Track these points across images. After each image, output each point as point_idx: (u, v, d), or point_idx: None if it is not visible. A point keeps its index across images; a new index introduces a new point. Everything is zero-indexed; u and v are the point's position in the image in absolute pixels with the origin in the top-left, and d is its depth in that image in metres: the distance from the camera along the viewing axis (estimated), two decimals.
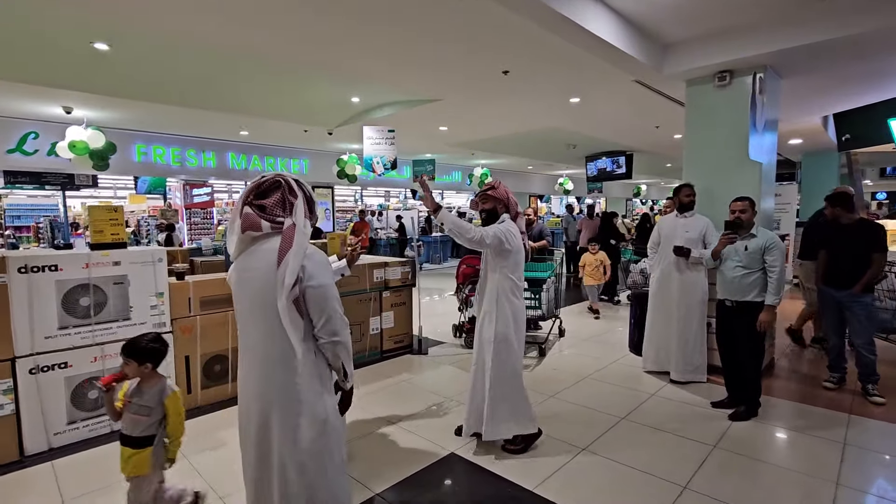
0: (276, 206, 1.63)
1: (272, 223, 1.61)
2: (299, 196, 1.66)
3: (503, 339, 2.82)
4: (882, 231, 3.59)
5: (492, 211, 2.91)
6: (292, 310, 1.54)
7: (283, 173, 1.69)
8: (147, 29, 3.84)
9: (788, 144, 9.00)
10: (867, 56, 4.01)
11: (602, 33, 3.49)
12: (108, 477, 2.65)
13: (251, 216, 1.61)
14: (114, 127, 7.40)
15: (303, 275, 1.56)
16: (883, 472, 2.73)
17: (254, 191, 1.65)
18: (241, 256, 1.67)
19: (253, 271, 1.62)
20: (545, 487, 2.54)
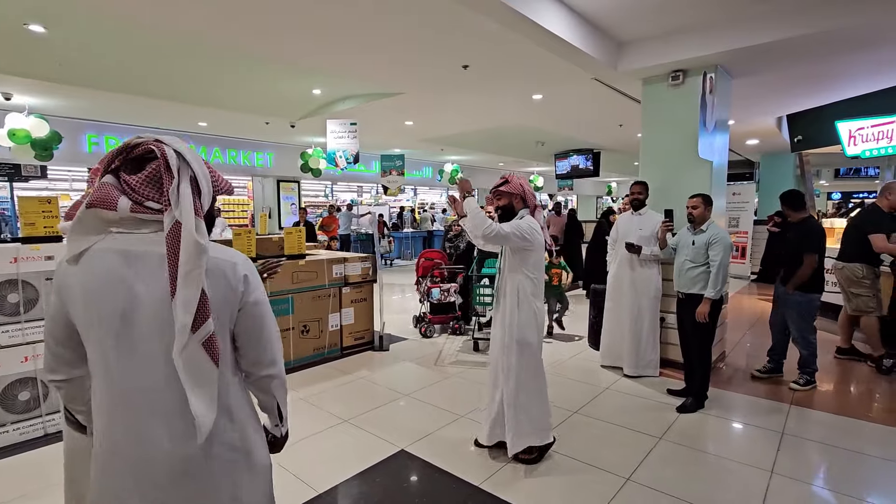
0: (146, 183, 1.06)
1: (136, 204, 1.05)
2: (180, 177, 1.05)
3: (526, 343, 2.66)
4: (816, 232, 3.70)
5: (507, 207, 2.72)
6: (200, 358, 1.04)
7: (164, 139, 1.09)
8: (86, 12, 3.64)
9: (746, 144, 9.29)
10: (813, 58, 4.15)
11: (556, 29, 3.50)
12: (41, 480, 2.52)
13: (105, 187, 1.05)
14: (61, 115, 7.05)
15: (243, 288, 1.14)
16: (815, 459, 2.84)
17: (121, 155, 1.08)
18: (84, 258, 1.07)
19: (116, 290, 1.04)
20: (492, 482, 2.54)
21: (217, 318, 1.09)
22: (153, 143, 1.07)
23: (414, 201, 17.31)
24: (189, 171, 1.08)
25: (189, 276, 1.02)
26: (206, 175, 1.12)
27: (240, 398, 1.18)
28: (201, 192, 1.09)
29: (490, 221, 2.52)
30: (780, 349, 4.01)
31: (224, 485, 1.13)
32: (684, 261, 3.49)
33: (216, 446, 1.11)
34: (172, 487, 1.08)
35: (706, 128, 3.98)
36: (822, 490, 2.50)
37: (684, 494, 2.42)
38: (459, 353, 4.84)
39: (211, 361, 1.05)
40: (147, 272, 1.05)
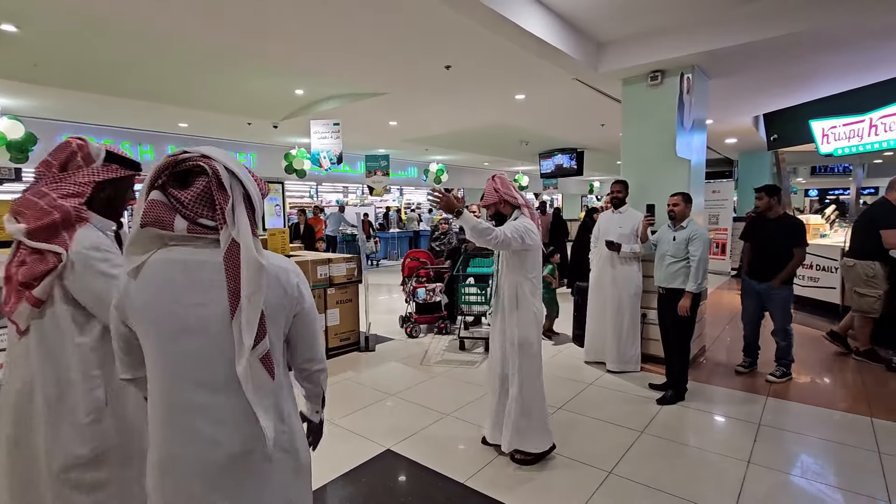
0: (198, 202, 1.06)
1: (191, 223, 1.06)
2: (233, 195, 1.06)
3: (527, 343, 2.65)
4: (802, 227, 3.81)
5: (496, 215, 2.76)
6: (258, 373, 1.08)
7: (211, 153, 1.07)
8: (59, 11, 3.57)
9: (725, 143, 9.49)
10: (787, 59, 4.26)
11: (536, 31, 3.54)
12: None
13: (157, 205, 1.06)
14: (36, 116, 6.88)
15: (297, 295, 1.17)
16: (790, 449, 2.92)
17: (167, 170, 1.07)
18: (147, 266, 1.10)
19: (177, 300, 1.07)
20: (476, 479, 2.56)
21: (273, 326, 1.12)
22: (200, 158, 1.06)
23: (400, 201, 17.29)
24: (241, 188, 1.08)
25: (252, 297, 1.05)
26: (258, 192, 1.13)
27: (290, 401, 1.23)
28: (255, 210, 1.11)
29: (492, 229, 2.48)
30: (756, 344, 4.11)
31: (279, 485, 1.17)
32: (665, 256, 3.57)
33: (273, 449, 1.14)
34: (235, 489, 1.11)
35: (684, 127, 4.07)
36: (797, 478, 2.58)
37: (664, 486, 2.48)
38: (445, 352, 4.86)
39: (268, 375, 1.10)
40: (206, 284, 1.07)
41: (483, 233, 2.44)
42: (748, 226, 4.09)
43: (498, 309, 2.76)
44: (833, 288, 6.05)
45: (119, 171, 1.54)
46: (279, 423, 1.16)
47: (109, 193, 1.54)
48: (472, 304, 5.09)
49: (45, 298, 1.43)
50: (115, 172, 1.53)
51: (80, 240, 1.42)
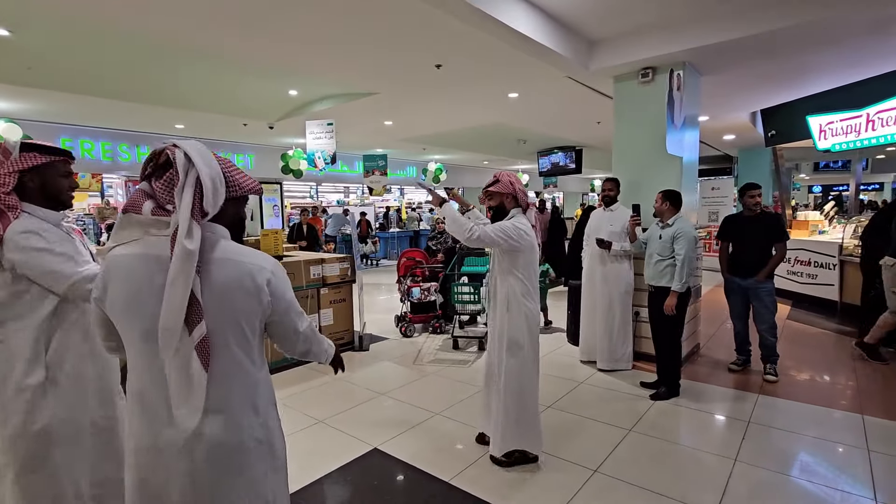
0: (164, 188, 1.11)
1: (157, 210, 1.14)
2: (185, 179, 1.09)
3: (517, 347, 2.57)
4: (782, 222, 3.83)
5: (499, 207, 2.66)
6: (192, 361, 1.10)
7: (180, 143, 1.13)
8: (52, 14, 3.59)
9: (723, 140, 9.44)
10: (780, 54, 4.23)
11: (524, 29, 3.53)
12: None
13: (137, 193, 1.15)
14: (33, 119, 6.94)
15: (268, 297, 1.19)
16: (778, 446, 2.91)
17: (151, 162, 1.15)
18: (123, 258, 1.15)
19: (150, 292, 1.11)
20: (461, 478, 2.56)
21: (236, 325, 1.15)
22: (170, 146, 1.11)
23: (401, 201, 17.31)
24: (196, 173, 1.10)
25: (175, 282, 1.05)
26: (217, 175, 1.14)
27: (265, 395, 1.25)
28: (204, 195, 1.11)
29: (470, 224, 2.44)
30: (747, 340, 4.10)
31: (255, 473, 1.20)
32: (653, 254, 3.58)
33: (246, 439, 1.18)
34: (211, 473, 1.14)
35: (675, 124, 4.05)
36: (782, 475, 2.56)
37: (649, 484, 2.47)
38: (439, 351, 4.86)
39: (201, 365, 1.09)
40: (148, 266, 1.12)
41: (461, 226, 2.42)
42: (726, 226, 4.08)
43: (491, 309, 2.73)
44: (831, 285, 6.02)
45: (38, 157, 1.59)
46: (253, 415, 1.20)
47: (40, 182, 1.61)
48: (466, 302, 5.09)
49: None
50: (34, 160, 1.58)
51: (12, 227, 1.52)
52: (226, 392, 1.15)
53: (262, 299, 1.17)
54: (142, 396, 1.15)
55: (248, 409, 1.19)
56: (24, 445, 1.56)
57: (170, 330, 1.06)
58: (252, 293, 1.16)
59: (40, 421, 1.56)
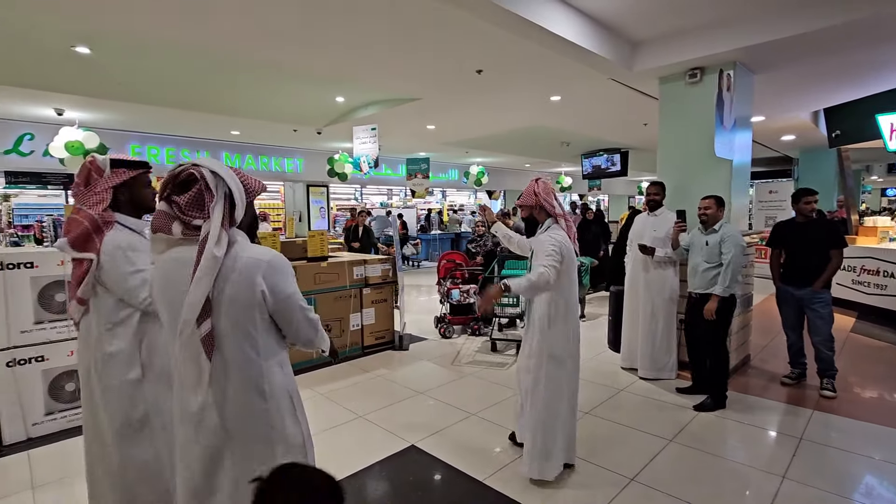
0: (191, 205, 1.27)
1: (186, 227, 1.28)
2: (216, 195, 1.27)
3: (558, 362, 2.52)
4: (839, 228, 3.62)
5: (529, 218, 2.69)
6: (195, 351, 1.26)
7: (200, 163, 1.29)
8: (124, 33, 3.94)
9: (782, 140, 8.92)
10: (842, 50, 3.97)
11: (566, 34, 3.53)
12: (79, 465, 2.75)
13: (161, 215, 1.31)
14: (107, 128, 7.56)
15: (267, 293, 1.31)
16: (833, 465, 2.75)
17: (170, 182, 1.30)
18: (159, 263, 1.36)
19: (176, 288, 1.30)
20: (496, 478, 2.60)
21: (237, 316, 1.29)
22: (191, 167, 1.29)
23: (442, 203, 17.45)
24: (225, 187, 1.30)
25: (199, 282, 1.23)
26: (240, 187, 1.34)
27: (276, 381, 1.37)
28: (235, 206, 1.31)
29: (536, 277, 2.35)
30: (802, 352, 3.89)
31: (261, 450, 1.34)
32: (700, 262, 3.48)
33: (250, 419, 1.33)
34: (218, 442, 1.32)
35: (724, 126, 3.90)
36: (836, 497, 2.42)
37: (687, 496, 2.41)
38: (477, 353, 4.90)
39: (206, 355, 1.27)
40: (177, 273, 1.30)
41: (536, 285, 2.35)
42: (777, 232, 3.87)
43: (530, 323, 2.62)
44: None
45: (126, 173, 1.82)
46: (260, 400, 1.34)
47: (129, 194, 1.84)
48: (506, 306, 5.10)
49: (88, 298, 1.78)
50: (124, 175, 1.82)
51: (106, 243, 1.73)
52: (229, 378, 1.30)
53: (257, 291, 1.29)
54: (171, 377, 1.39)
55: (252, 394, 1.32)
56: (128, 432, 1.79)
57: (188, 322, 1.24)
58: (248, 286, 1.28)
59: (139, 410, 1.80)
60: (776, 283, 3.89)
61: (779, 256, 3.87)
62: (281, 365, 1.40)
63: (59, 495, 2.50)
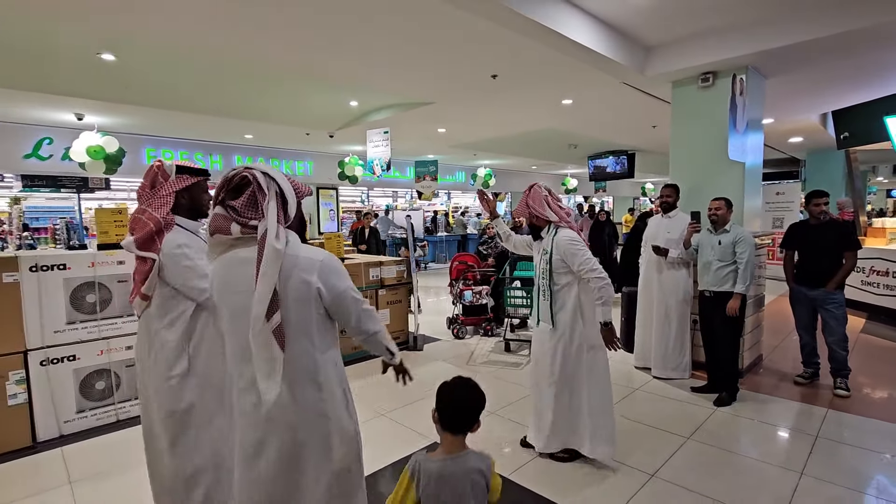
0: (246, 206, 1.35)
1: (244, 227, 1.35)
2: (269, 194, 1.35)
3: (597, 348, 2.68)
4: (853, 230, 3.68)
5: (530, 224, 2.82)
6: (268, 342, 1.30)
7: (253, 166, 1.39)
8: (150, 41, 4.04)
9: (789, 142, 8.97)
10: (852, 54, 4.05)
11: (581, 39, 3.60)
12: (112, 461, 2.85)
13: (218, 217, 1.38)
14: (123, 132, 7.68)
15: (323, 290, 1.38)
16: (848, 462, 2.79)
17: (224, 187, 1.39)
18: (218, 264, 1.44)
19: (235, 287, 1.38)
20: (519, 474, 2.66)
21: (300, 308, 1.37)
22: (244, 171, 1.38)
23: (448, 205, 17.53)
24: (276, 186, 1.38)
25: (265, 276, 1.30)
26: (289, 187, 1.43)
27: (331, 375, 1.45)
28: (287, 204, 1.40)
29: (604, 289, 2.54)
30: (815, 352, 3.94)
31: (315, 441, 1.41)
32: (712, 261, 3.58)
33: (303, 411, 1.39)
34: (273, 435, 1.39)
35: (737, 129, 3.96)
36: (856, 493, 2.47)
37: (709, 491, 2.47)
38: (491, 353, 4.97)
39: (278, 346, 1.32)
40: (251, 275, 1.34)
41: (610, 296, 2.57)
42: (790, 233, 3.93)
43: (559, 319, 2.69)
44: None
45: (189, 179, 1.96)
46: (316, 391, 1.41)
47: (189, 198, 1.98)
48: (519, 306, 5.16)
49: (151, 293, 1.89)
50: (187, 181, 1.96)
51: (167, 243, 1.86)
52: (287, 370, 1.36)
53: (312, 288, 1.37)
54: (232, 368, 1.44)
55: (309, 385, 1.40)
56: (173, 421, 1.89)
57: (258, 316, 1.30)
58: (304, 283, 1.36)
59: (185, 402, 1.90)
60: (790, 284, 3.94)
61: (792, 258, 3.93)
62: (335, 359, 1.48)
63: (96, 490, 2.58)
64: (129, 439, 3.15)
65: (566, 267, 2.66)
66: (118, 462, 2.84)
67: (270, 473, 1.40)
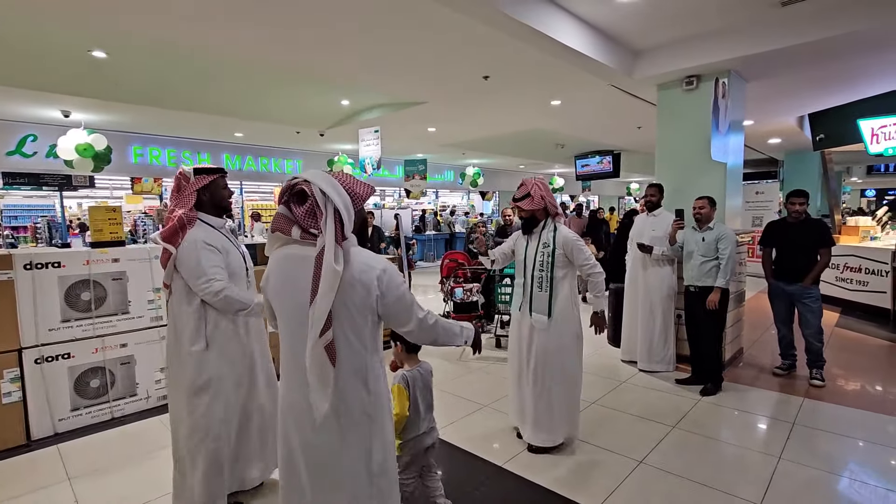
0: (305, 217, 1.40)
1: (304, 232, 1.42)
2: (326, 212, 1.36)
3: (580, 339, 2.90)
4: (827, 228, 3.87)
5: (529, 218, 2.87)
6: (321, 356, 1.35)
7: (311, 178, 1.40)
8: (143, 39, 4.03)
9: (768, 143, 9.25)
10: (829, 60, 4.24)
11: (571, 43, 3.71)
12: (109, 458, 2.87)
13: (281, 218, 1.45)
14: (110, 129, 7.58)
15: (379, 293, 1.42)
16: (823, 447, 2.96)
17: (287, 191, 1.44)
18: (276, 258, 1.50)
19: (290, 286, 1.45)
20: (514, 463, 2.76)
21: (355, 318, 1.42)
22: (303, 183, 1.41)
23: (436, 204, 17.61)
24: (332, 205, 1.38)
25: (324, 297, 1.33)
26: (347, 201, 1.42)
27: (378, 376, 1.50)
28: (343, 222, 1.40)
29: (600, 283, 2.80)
30: (792, 344, 4.13)
31: (357, 439, 1.47)
32: (695, 256, 3.74)
33: (351, 410, 1.45)
34: (316, 434, 1.46)
35: (719, 131, 4.12)
36: (830, 475, 2.62)
37: (693, 475, 2.60)
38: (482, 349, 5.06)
39: (329, 362, 1.37)
40: (309, 274, 1.37)
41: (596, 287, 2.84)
42: (769, 231, 4.11)
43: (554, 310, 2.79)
44: (883, 292, 5.87)
45: (205, 178, 2.20)
46: (365, 392, 1.47)
47: (210, 195, 2.22)
48: (509, 303, 5.27)
49: (170, 282, 2.16)
50: (205, 180, 2.20)
51: (187, 238, 2.10)
52: (341, 371, 1.41)
53: (372, 293, 1.42)
54: (286, 363, 1.50)
55: (359, 386, 1.45)
56: (195, 393, 2.15)
57: (313, 336, 1.35)
58: (364, 288, 1.41)
59: (203, 376, 2.15)
60: (768, 280, 4.12)
61: (770, 255, 4.10)
62: (381, 359, 1.54)
63: (96, 486, 2.60)
64: (125, 436, 3.17)
65: (566, 261, 2.80)
66: (115, 459, 2.86)
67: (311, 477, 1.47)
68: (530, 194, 2.79)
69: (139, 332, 3.51)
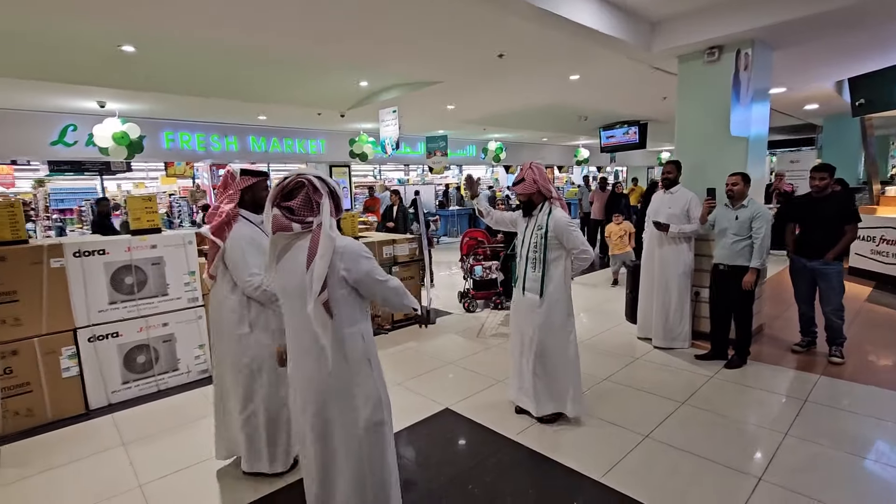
0: (302, 207, 1.65)
1: (302, 224, 1.65)
2: (324, 194, 1.67)
3: (573, 316, 3.02)
4: (852, 201, 3.74)
5: (527, 201, 2.99)
6: (321, 312, 1.61)
7: (303, 172, 1.68)
8: (167, 33, 4.19)
9: (805, 109, 8.79)
10: (863, 25, 4.00)
11: (586, 21, 3.65)
12: (158, 426, 3.19)
13: (279, 218, 1.65)
14: (143, 117, 7.90)
15: (345, 274, 1.66)
16: (831, 424, 2.99)
17: (279, 193, 1.67)
18: (278, 257, 1.74)
19: (291, 272, 1.69)
20: (524, 435, 2.92)
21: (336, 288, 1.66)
22: (297, 177, 1.69)
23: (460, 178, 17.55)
24: (327, 187, 1.71)
25: (322, 258, 1.60)
26: (337, 186, 1.76)
27: (355, 347, 1.74)
28: (339, 200, 1.73)
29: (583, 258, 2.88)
30: (813, 321, 4.09)
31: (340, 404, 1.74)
32: (728, 235, 3.71)
33: (334, 377, 1.73)
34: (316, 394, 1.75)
35: (740, 103, 4.00)
36: (833, 451, 2.66)
37: (696, 449, 2.70)
38: (500, 326, 5.21)
39: (327, 315, 1.64)
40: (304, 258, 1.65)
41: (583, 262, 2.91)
42: (790, 206, 4.02)
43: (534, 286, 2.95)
44: None
45: (250, 179, 2.43)
46: (342, 360, 1.73)
47: (252, 194, 2.45)
48: None
49: (215, 274, 2.45)
50: (249, 181, 2.43)
51: (233, 234, 2.35)
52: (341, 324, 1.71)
53: (338, 269, 1.65)
54: (291, 342, 1.80)
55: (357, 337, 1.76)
56: (240, 371, 2.43)
57: (315, 291, 1.60)
58: (332, 267, 1.64)
59: (247, 356, 2.42)
60: (790, 255, 4.05)
61: (793, 230, 4.02)
62: (362, 333, 1.76)
63: (147, 450, 2.92)
64: (171, 407, 3.49)
65: (558, 243, 2.89)
66: (162, 427, 3.18)
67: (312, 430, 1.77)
68: (524, 179, 2.90)
69: (178, 313, 3.80)
